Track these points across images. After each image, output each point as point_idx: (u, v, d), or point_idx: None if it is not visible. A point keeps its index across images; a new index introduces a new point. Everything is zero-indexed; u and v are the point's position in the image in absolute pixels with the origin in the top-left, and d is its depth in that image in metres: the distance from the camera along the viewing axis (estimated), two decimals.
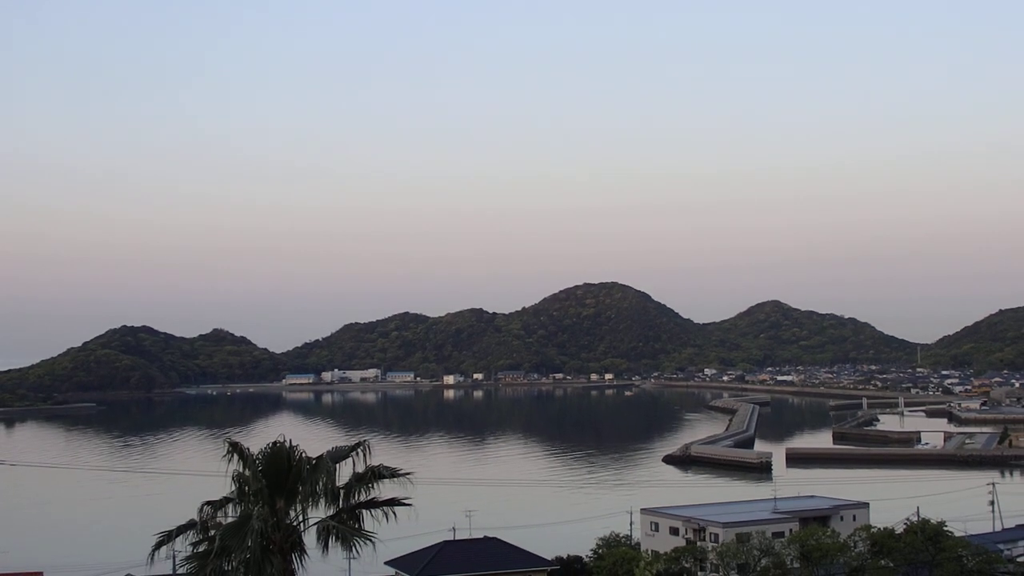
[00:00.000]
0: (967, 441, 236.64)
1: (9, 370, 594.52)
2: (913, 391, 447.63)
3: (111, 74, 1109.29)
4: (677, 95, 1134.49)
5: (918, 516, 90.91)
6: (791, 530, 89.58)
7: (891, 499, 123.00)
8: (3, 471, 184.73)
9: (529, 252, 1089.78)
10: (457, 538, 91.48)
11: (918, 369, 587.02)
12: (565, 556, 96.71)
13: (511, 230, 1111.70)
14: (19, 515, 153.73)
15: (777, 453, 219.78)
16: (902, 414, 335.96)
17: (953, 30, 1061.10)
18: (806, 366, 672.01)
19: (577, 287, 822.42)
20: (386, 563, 77.00)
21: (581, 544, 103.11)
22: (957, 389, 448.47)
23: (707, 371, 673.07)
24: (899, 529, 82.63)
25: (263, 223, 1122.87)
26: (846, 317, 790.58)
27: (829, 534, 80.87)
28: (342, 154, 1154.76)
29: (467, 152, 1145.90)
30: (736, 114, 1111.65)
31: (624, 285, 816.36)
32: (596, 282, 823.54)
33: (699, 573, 79.22)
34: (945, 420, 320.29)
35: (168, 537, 35.45)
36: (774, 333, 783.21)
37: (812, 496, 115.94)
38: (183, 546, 35.96)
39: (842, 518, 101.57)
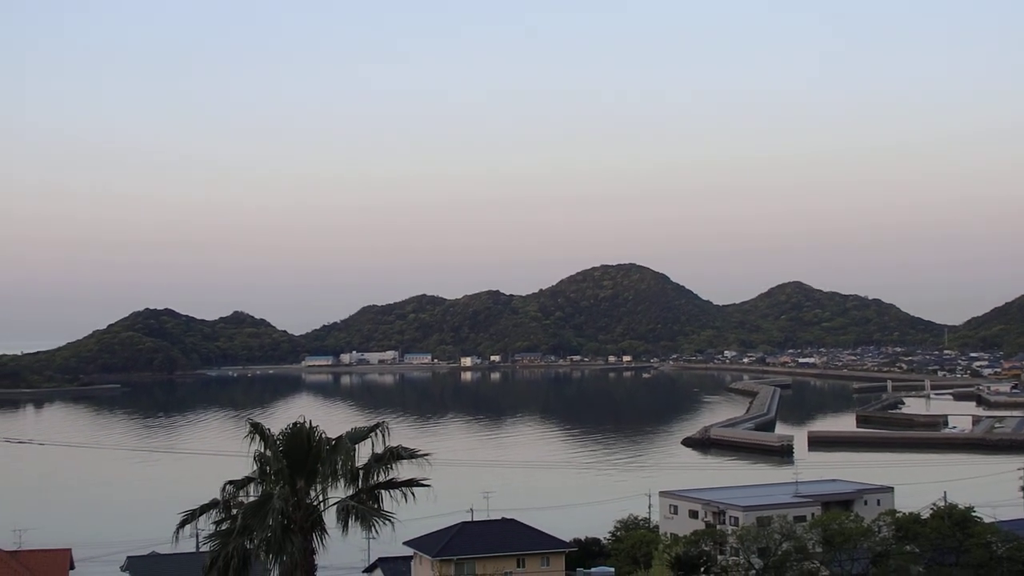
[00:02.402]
0: (997, 425, 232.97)
1: (37, 352, 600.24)
2: (940, 374, 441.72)
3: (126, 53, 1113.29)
4: (694, 78, 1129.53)
5: (945, 501, 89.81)
6: (813, 514, 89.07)
7: (917, 484, 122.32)
8: (32, 450, 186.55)
9: (546, 235, 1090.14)
10: (475, 519, 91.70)
11: (945, 351, 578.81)
12: (583, 538, 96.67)
13: (528, 213, 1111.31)
14: (47, 493, 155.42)
15: (799, 436, 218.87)
16: (928, 397, 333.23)
17: (980, 13, 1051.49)
18: (828, 348, 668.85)
19: (595, 268, 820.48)
20: (405, 543, 77.27)
21: (599, 526, 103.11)
22: (986, 372, 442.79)
23: (727, 353, 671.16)
24: (925, 514, 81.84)
25: (284, 207, 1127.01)
26: (870, 298, 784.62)
27: (852, 518, 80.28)
28: (360, 140, 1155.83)
29: (482, 137, 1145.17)
30: (756, 98, 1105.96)
31: (642, 266, 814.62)
32: (614, 264, 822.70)
33: (719, 557, 78.94)
34: (973, 403, 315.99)
35: (192, 516, 35.76)
36: (795, 314, 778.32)
37: (835, 480, 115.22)
38: (206, 524, 36.28)
39: (866, 502, 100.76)
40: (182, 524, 35.58)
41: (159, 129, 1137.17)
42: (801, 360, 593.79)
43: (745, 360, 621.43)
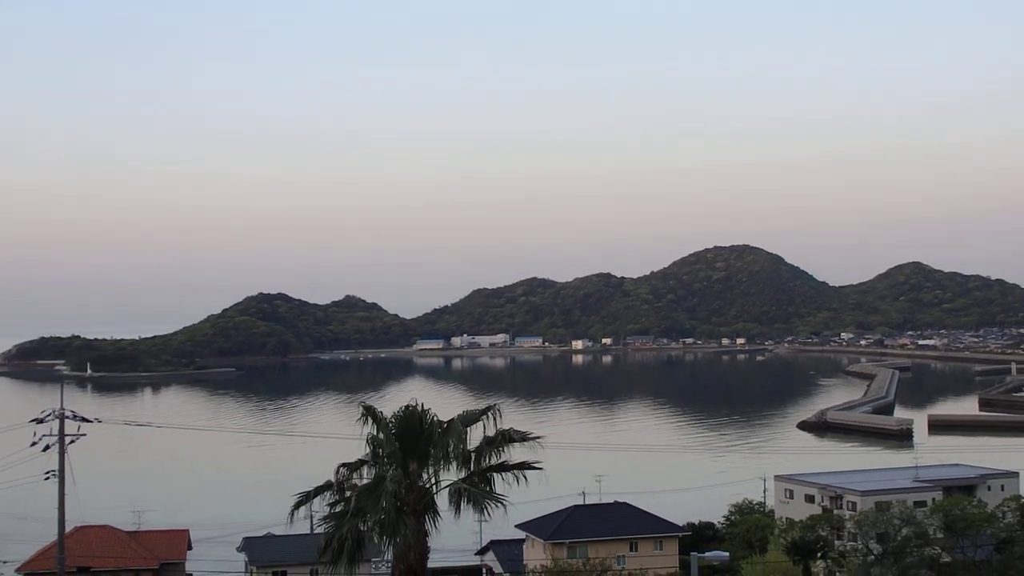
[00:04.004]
0: None
1: (154, 336, 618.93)
2: None
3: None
4: (799, 46, 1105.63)
5: None
6: (934, 499, 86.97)
7: None
8: (150, 433, 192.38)
9: (657, 215, 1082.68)
10: (587, 502, 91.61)
11: None
12: (697, 522, 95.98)
13: (639, 193, 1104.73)
14: (164, 475, 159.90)
15: (919, 420, 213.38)
16: None
17: None
18: (949, 330, 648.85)
19: (707, 250, 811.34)
20: (517, 526, 77.54)
21: (713, 511, 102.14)
22: None
23: (843, 335, 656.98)
24: None
25: (393, 192, 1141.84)
26: (993, 278, 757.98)
27: (975, 504, 78.07)
28: (469, 122, 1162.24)
29: (596, 113, 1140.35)
30: (866, 60, 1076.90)
31: (756, 247, 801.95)
32: (727, 245, 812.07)
33: (836, 542, 77.41)
34: None
35: (306, 498, 36.32)
36: (914, 296, 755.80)
37: (956, 464, 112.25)
38: (320, 506, 36.77)
39: (989, 488, 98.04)
40: (297, 506, 36.19)
41: (302, 112, 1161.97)
42: (920, 342, 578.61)
43: (862, 342, 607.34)
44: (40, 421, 53.52)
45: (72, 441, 53.89)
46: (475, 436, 36.32)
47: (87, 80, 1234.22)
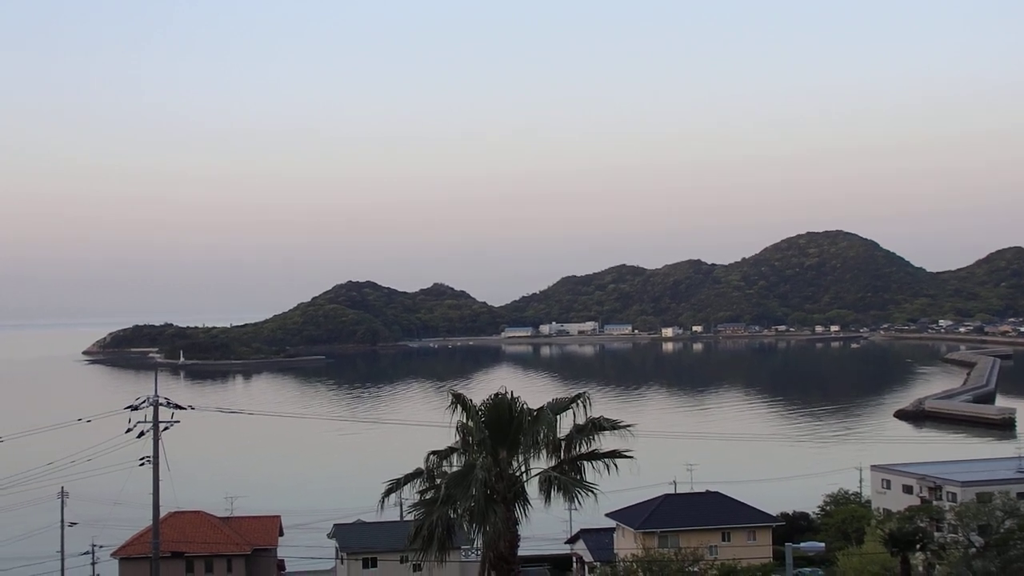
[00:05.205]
0: None
1: (245, 324, 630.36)
2: None
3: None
4: (895, 31, 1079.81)
5: None
6: None
7: None
8: (242, 420, 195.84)
9: (748, 201, 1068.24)
10: (678, 492, 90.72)
11: None
12: (791, 512, 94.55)
13: (729, 178, 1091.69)
14: (256, 462, 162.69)
15: (1021, 409, 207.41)
16: None
17: None
18: None
19: (799, 236, 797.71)
20: (607, 515, 77.00)
21: (807, 501, 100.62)
22: None
23: (941, 322, 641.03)
24: None
25: (480, 179, 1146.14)
26: None
27: None
28: (552, 114, 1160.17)
29: (688, 98, 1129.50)
30: (961, 41, 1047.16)
31: (849, 233, 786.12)
32: (820, 230, 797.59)
33: (935, 534, 75.31)
34: None
35: (396, 485, 36.39)
36: (1016, 281, 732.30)
37: None
38: (410, 494, 36.83)
39: None
40: (387, 493, 36.30)
41: (405, 113, 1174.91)
42: (1023, 329, 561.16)
43: (961, 330, 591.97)
44: (135, 408, 54.47)
45: (166, 428, 54.78)
46: (565, 424, 36.07)
47: (232, 71, 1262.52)
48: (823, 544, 53.26)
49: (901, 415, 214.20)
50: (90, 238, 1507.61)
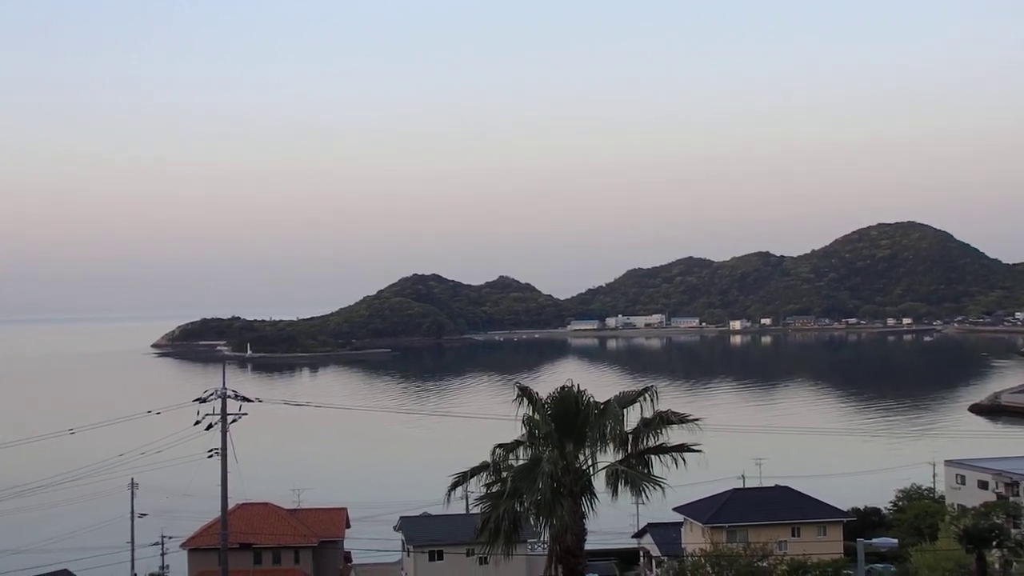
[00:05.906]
0: None
1: (311, 317, 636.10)
2: None
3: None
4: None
5: None
6: None
7: None
8: (308, 412, 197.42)
9: (818, 191, 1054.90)
10: (747, 486, 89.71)
11: None
12: (862, 507, 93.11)
13: (800, 168, 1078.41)
14: (323, 454, 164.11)
15: None
16: None
17: None
18: None
19: (870, 227, 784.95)
20: (675, 509, 76.42)
21: (879, 496, 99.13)
22: None
23: (1018, 315, 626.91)
24: None
25: (546, 171, 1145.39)
26: None
27: None
28: (624, 100, 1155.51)
29: (757, 88, 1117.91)
30: None
31: (922, 224, 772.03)
32: (891, 222, 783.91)
33: (1012, 531, 73.62)
34: None
35: (463, 478, 36.32)
36: None
37: None
38: (477, 487, 36.77)
39: None
40: (453, 486, 36.27)
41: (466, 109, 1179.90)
42: None
43: None
44: (203, 401, 55.05)
45: (234, 420, 55.30)
46: (632, 418, 35.75)
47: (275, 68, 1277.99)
48: (896, 540, 52.27)
49: (976, 409, 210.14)
50: (169, 234, 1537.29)
